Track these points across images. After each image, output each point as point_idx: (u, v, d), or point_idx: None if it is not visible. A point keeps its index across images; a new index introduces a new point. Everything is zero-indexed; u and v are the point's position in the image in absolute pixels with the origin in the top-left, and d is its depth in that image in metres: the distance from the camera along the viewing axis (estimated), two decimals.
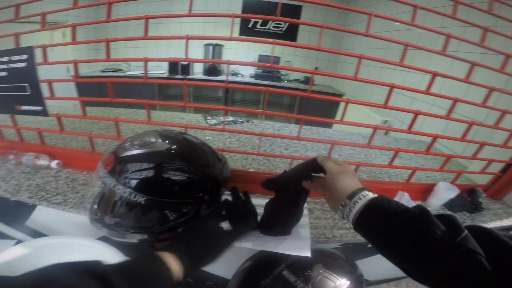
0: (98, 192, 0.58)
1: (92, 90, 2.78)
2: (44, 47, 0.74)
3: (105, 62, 0.76)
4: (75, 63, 0.77)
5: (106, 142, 1.08)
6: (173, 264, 0.41)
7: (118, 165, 0.54)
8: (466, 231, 0.33)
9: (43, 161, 0.88)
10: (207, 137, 1.31)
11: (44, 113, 0.82)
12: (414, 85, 0.67)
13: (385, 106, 0.67)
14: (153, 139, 0.61)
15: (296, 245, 0.66)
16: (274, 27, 3.58)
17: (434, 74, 0.66)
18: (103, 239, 0.75)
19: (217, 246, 0.51)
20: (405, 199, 0.87)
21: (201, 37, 0.70)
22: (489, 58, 1.36)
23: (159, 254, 0.42)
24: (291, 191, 0.61)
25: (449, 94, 0.76)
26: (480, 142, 0.84)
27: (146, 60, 0.72)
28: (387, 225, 0.39)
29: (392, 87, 0.65)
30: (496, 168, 1.01)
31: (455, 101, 0.71)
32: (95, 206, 0.58)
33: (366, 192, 0.45)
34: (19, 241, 0.91)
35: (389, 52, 2.33)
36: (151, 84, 2.67)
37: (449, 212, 0.35)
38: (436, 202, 0.94)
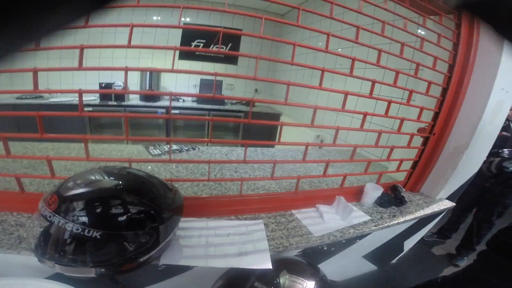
0: (44, 231, 0.58)
1: (4, 122, 2.32)
2: None
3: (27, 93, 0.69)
4: None
5: (34, 181, 0.97)
6: None
7: (63, 204, 0.54)
8: None
9: None
10: (149, 167, 1.26)
11: None
12: (337, 101, 0.80)
13: (311, 125, 0.77)
14: (98, 177, 0.60)
15: (257, 258, 0.72)
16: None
17: (346, 94, 0.80)
18: (54, 277, 0.69)
19: None
20: (342, 202, 0.99)
21: (140, 69, 0.71)
22: (389, 73, 1.67)
23: None
24: None
25: (364, 107, 0.91)
26: (390, 146, 1.03)
27: (80, 92, 0.69)
28: None
29: (315, 108, 0.76)
30: (408, 166, 1.23)
31: (365, 114, 0.87)
32: (43, 245, 0.56)
33: None
34: None
35: (315, 74, 2.63)
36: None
37: None
38: (368, 201, 1.08)
